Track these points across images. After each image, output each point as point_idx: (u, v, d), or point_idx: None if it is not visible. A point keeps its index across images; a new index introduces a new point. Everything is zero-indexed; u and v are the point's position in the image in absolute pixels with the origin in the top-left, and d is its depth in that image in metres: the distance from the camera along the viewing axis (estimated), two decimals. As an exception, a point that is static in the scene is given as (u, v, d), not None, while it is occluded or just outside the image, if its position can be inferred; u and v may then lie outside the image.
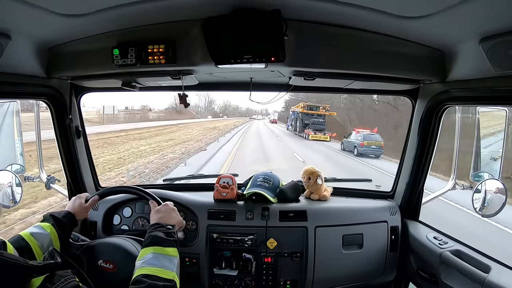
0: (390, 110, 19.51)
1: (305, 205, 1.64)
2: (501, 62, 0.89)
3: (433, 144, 1.50)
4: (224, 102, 66.03)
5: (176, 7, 1.03)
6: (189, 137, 20.74)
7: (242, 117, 63.20)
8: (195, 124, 34.10)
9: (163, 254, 0.93)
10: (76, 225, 1.18)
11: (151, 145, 16.31)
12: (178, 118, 38.56)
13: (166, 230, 1.00)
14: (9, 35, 0.96)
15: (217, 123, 39.83)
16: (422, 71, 1.23)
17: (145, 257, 0.91)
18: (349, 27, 1.13)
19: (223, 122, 42.49)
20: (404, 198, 1.66)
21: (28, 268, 0.56)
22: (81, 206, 1.22)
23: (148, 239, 0.97)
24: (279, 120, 45.57)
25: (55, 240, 1.07)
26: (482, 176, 1.43)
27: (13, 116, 1.55)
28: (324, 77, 1.28)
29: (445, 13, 0.85)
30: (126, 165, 11.29)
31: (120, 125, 25.12)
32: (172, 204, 1.17)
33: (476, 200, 1.39)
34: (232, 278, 1.55)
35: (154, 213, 1.12)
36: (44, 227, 1.07)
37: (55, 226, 1.09)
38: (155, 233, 0.98)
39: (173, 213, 1.13)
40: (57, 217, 1.12)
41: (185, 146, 15.51)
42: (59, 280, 0.61)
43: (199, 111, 53.35)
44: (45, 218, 1.12)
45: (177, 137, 20.32)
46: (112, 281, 1.02)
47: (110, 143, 15.66)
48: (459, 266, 1.26)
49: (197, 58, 1.17)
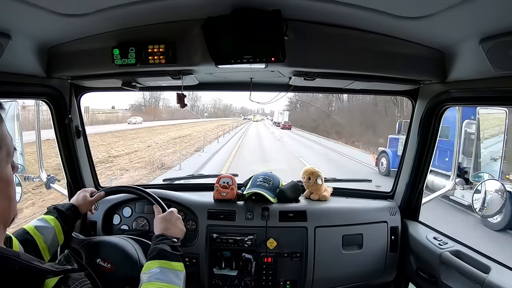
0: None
1: (305, 205, 1.64)
2: (501, 62, 0.89)
3: (433, 145, 1.50)
4: (213, 99, 57.18)
5: (176, 7, 1.03)
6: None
7: (234, 118, 49.59)
8: (149, 130, 23.14)
9: (170, 268, 0.90)
10: (79, 218, 1.18)
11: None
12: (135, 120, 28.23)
13: (172, 244, 0.98)
14: (9, 34, 0.96)
15: (192, 127, 28.13)
16: (422, 72, 1.23)
17: (151, 271, 0.88)
18: (350, 27, 1.13)
19: (205, 126, 30.71)
20: (404, 199, 1.66)
21: (44, 272, 0.57)
22: (86, 199, 1.21)
23: (154, 252, 0.94)
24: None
25: (59, 233, 1.07)
26: (482, 177, 1.44)
27: (14, 116, 1.55)
28: (324, 77, 1.28)
29: (445, 13, 0.85)
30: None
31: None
32: (176, 211, 1.14)
33: (476, 200, 1.39)
34: (232, 278, 1.55)
35: (159, 222, 1.08)
36: (48, 220, 1.07)
37: (59, 219, 1.09)
38: (161, 246, 0.95)
39: (178, 222, 1.10)
40: (61, 209, 1.11)
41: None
42: (73, 283, 0.61)
43: (171, 110, 40.09)
44: (49, 211, 1.11)
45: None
46: (109, 280, 1.02)
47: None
48: (459, 267, 1.26)
49: (197, 58, 1.17)
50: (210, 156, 12.87)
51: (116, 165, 11.55)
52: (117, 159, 12.48)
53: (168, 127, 26.43)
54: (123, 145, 15.81)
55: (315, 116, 30.06)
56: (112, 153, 13.37)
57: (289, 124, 30.37)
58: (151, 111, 36.53)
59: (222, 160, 11.80)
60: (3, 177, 0.61)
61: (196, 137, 20.48)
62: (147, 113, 34.99)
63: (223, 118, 51.55)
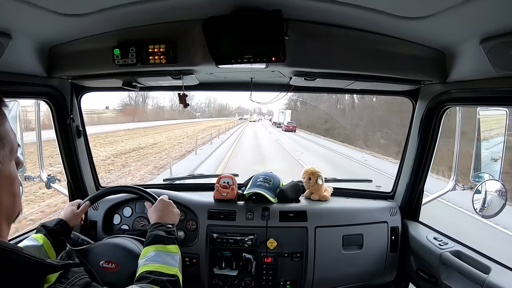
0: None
1: (305, 205, 1.64)
2: (502, 62, 0.89)
3: (434, 145, 1.50)
4: (207, 98, 53.13)
5: (177, 7, 1.03)
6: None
7: (228, 118, 43.43)
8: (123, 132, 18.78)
9: (165, 251, 0.95)
10: (69, 232, 1.18)
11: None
12: (117, 121, 24.18)
13: (167, 229, 1.03)
14: (10, 34, 0.96)
15: (169, 130, 23.27)
16: (422, 72, 1.23)
17: (147, 255, 0.94)
18: (350, 27, 1.13)
19: (187, 129, 25.64)
20: (404, 199, 1.66)
21: (46, 267, 0.59)
22: (73, 213, 1.22)
23: (149, 238, 0.99)
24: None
25: (48, 249, 1.07)
26: (483, 177, 1.43)
27: (16, 117, 1.55)
28: (324, 77, 1.28)
29: (445, 13, 0.85)
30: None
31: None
32: (167, 197, 1.19)
33: (476, 201, 1.39)
34: (232, 278, 1.55)
35: (152, 212, 1.14)
36: (37, 238, 1.07)
37: (47, 235, 1.09)
38: (156, 232, 1.01)
39: (170, 207, 1.16)
40: (49, 226, 1.12)
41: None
42: (73, 276, 0.63)
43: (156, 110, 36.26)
44: (38, 229, 1.12)
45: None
46: (114, 280, 1.02)
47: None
48: (459, 267, 1.26)
49: (197, 58, 1.17)
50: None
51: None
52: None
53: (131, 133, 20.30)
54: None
55: (326, 115, 23.96)
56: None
57: (293, 125, 25.47)
58: (130, 111, 31.10)
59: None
60: (7, 174, 0.61)
61: (155, 152, 13.68)
62: (125, 114, 30.10)
63: (215, 118, 46.34)
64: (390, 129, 14.59)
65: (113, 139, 16.83)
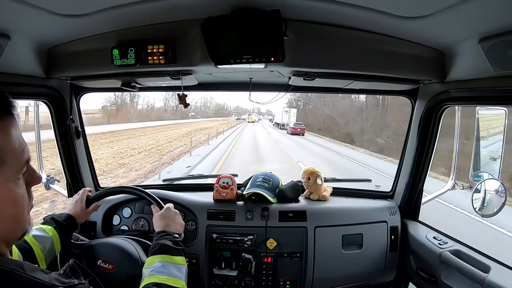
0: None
1: (305, 205, 1.64)
2: (501, 62, 0.89)
3: (433, 144, 1.50)
4: (203, 97, 51.78)
5: (176, 7, 1.03)
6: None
7: (224, 119, 39.65)
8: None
9: (171, 262, 0.92)
10: (76, 228, 1.18)
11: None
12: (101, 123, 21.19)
13: (173, 239, 0.99)
14: (8, 35, 0.95)
15: (171, 129, 21.00)
16: (421, 71, 1.23)
17: (153, 265, 0.90)
18: (349, 27, 1.13)
19: (184, 128, 23.11)
20: (404, 198, 1.66)
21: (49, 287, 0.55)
22: (83, 211, 1.21)
23: (155, 247, 0.95)
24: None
25: (56, 242, 1.07)
26: (482, 176, 1.43)
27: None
28: (323, 77, 1.28)
29: (444, 13, 0.85)
30: None
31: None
32: (173, 206, 1.15)
33: (476, 200, 1.39)
34: (231, 278, 1.55)
35: (158, 219, 1.09)
36: (46, 230, 1.07)
37: (57, 229, 1.09)
38: (163, 241, 0.96)
39: (177, 217, 1.11)
40: (59, 220, 1.11)
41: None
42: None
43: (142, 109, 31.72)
44: (46, 221, 1.11)
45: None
46: (110, 281, 1.02)
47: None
48: (458, 266, 1.26)
49: (196, 58, 1.17)
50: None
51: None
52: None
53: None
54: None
55: (342, 115, 19.88)
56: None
57: (301, 127, 21.60)
58: (108, 112, 26.64)
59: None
60: (3, 196, 0.54)
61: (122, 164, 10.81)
62: (105, 115, 25.47)
63: (212, 118, 41.64)
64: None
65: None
